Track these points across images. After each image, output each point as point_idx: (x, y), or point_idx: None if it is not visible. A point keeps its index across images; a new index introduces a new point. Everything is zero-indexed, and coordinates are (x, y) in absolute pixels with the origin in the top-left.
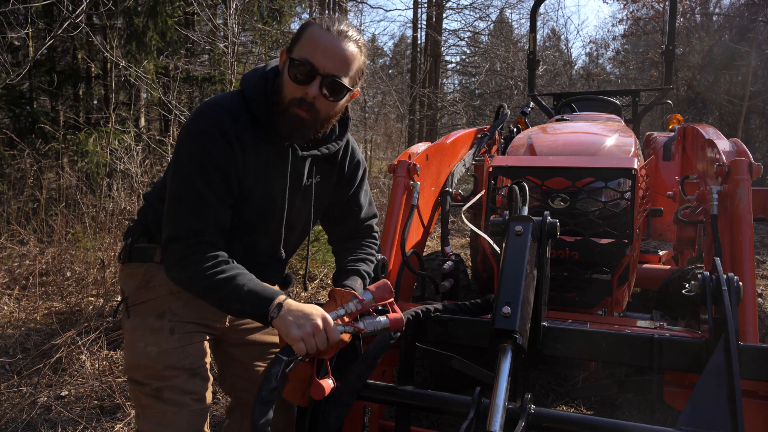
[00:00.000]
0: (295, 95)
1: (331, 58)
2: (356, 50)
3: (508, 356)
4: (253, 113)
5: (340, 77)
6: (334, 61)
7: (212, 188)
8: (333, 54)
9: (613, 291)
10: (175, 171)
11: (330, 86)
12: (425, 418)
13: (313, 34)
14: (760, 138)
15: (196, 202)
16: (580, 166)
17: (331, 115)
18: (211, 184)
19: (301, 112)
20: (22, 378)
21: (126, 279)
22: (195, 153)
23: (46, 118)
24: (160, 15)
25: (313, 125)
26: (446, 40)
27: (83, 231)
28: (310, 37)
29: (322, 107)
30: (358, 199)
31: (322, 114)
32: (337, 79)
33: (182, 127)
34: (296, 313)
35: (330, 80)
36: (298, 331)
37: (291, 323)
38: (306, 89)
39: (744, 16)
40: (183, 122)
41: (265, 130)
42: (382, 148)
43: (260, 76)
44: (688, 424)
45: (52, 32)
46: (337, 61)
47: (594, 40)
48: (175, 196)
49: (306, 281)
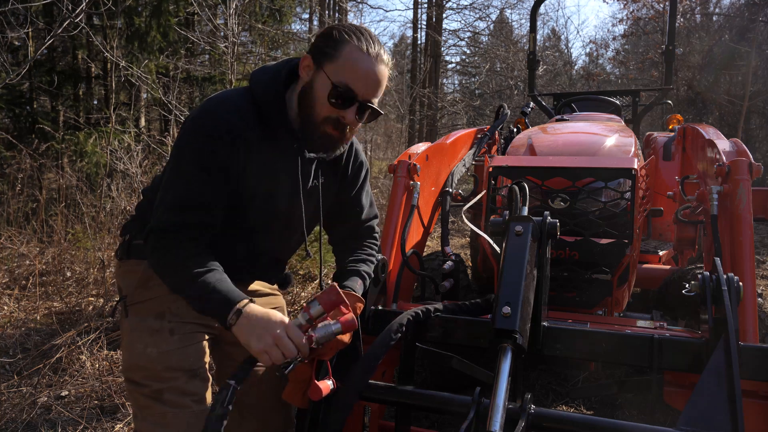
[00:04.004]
0: (330, 115)
1: (371, 86)
2: (388, 72)
3: (508, 356)
4: (260, 113)
5: (375, 102)
6: (373, 88)
7: (206, 186)
8: (374, 81)
9: (613, 291)
10: (172, 163)
11: (366, 112)
12: (425, 418)
13: (353, 58)
14: (760, 138)
15: (186, 197)
16: (580, 166)
17: (355, 131)
18: (205, 182)
19: (333, 131)
20: (22, 378)
21: (124, 276)
22: (194, 148)
23: (46, 118)
24: (163, 14)
25: (341, 141)
26: (446, 40)
27: (83, 231)
28: (349, 60)
29: (352, 128)
30: (360, 200)
31: (350, 132)
32: (372, 104)
33: (187, 118)
34: (255, 323)
35: (367, 107)
36: (259, 343)
37: (250, 334)
38: (343, 113)
39: (744, 16)
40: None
41: (272, 131)
42: (382, 148)
43: (272, 76)
44: (688, 424)
45: (52, 32)
46: (375, 87)
47: (594, 40)
48: (167, 187)
49: (321, 282)
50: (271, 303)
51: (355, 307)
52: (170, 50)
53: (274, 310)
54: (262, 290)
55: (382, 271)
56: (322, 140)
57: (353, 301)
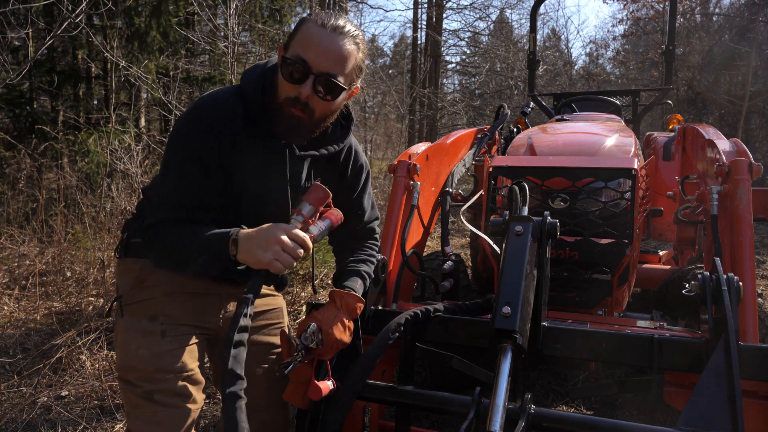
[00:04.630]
0: (289, 95)
1: (324, 56)
2: (352, 47)
3: (508, 356)
4: (250, 111)
5: (335, 76)
6: (327, 59)
7: (195, 181)
8: (326, 52)
9: (613, 291)
10: (164, 159)
11: (324, 85)
12: (425, 418)
13: (308, 31)
14: (760, 138)
15: (178, 193)
16: (580, 166)
17: (327, 114)
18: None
19: (296, 111)
20: (22, 378)
21: (121, 275)
22: (180, 147)
23: (46, 118)
24: (163, 14)
25: (309, 124)
26: (446, 40)
27: (83, 231)
28: (304, 34)
29: (317, 106)
30: (362, 203)
31: (318, 113)
32: (331, 78)
33: (178, 117)
34: (254, 237)
35: (324, 79)
36: (266, 253)
37: (255, 249)
38: (299, 89)
39: (744, 16)
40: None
41: (261, 128)
42: (382, 148)
43: (260, 73)
44: (688, 424)
45: (52, 32)
46: (331, 59)
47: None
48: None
49: (314, 284)
50: (269, 304)
51: (356, 307)
52: (170, 50)
53: (271, 227)
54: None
55: (382, 271)
56: (289, 122)
57: (353, 301)
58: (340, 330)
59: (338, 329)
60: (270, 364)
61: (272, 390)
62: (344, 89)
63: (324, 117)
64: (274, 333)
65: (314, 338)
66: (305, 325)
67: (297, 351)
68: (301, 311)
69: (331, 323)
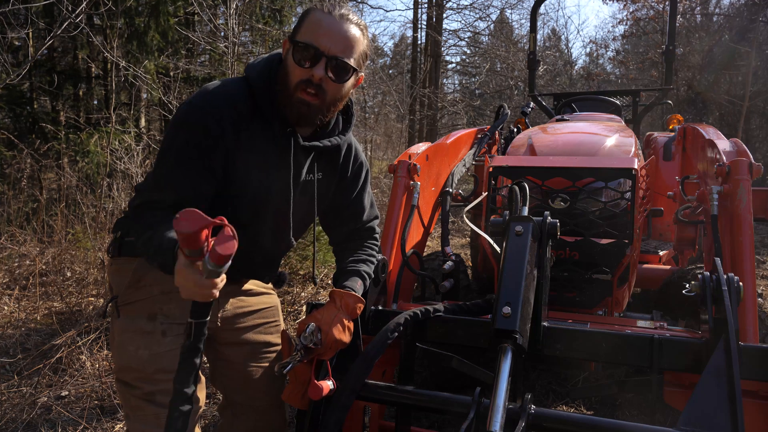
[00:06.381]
0: (301, 78)
1: (334, 40)
2: (359, 33)
3: (508, 356)
4: (255, 101)
5: (345, 58)
6: (337, 43)
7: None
8: (336, 36)
9: (614, 291)
10: (162, 145)
11: (336, 67)
12: (425, 418)
13: (316, 19)
14: (760, 138)
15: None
16: (580, 166)
17: (337, 98)
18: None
19: (308, 97)
20: (22, 378)
21: (115, 275)
22: (178, 136)
23: (47, 119)
24: (162, 14)
25: (320, 109)
26: (446, 40)
27: (83, 231)
28: (312, 21)
29: (329, 89)
30: (362, 202)
31: (329, 97)
32: (342, 59)
33: (179, 105)
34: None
35: (335, 61)
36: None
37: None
38: (312, 71)
39: (744, 16)
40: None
41: (265, 119)
42: (382, 148)
43: (265, 63)
44: (688, 424)
45: (53, 32)
46: (340, 42)
47: (594, 40)
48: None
49: (314, 277)
50: (264, 302)
51: (356, 307)
52: (170, 50)
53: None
54: (255, 289)
55: (383, 271)
56: (300, 107)
57: (353, 302)
58: (340, 330)
59: (338, 329)
60: (267, 363)
61: (270, 389)
62: (356, 70)
63: (334, 101)
64: (270, 331)
65: (313, 338)
66: (305, 325)
67: (296, 351)
68: (301, 311)
69: (330, 323)
